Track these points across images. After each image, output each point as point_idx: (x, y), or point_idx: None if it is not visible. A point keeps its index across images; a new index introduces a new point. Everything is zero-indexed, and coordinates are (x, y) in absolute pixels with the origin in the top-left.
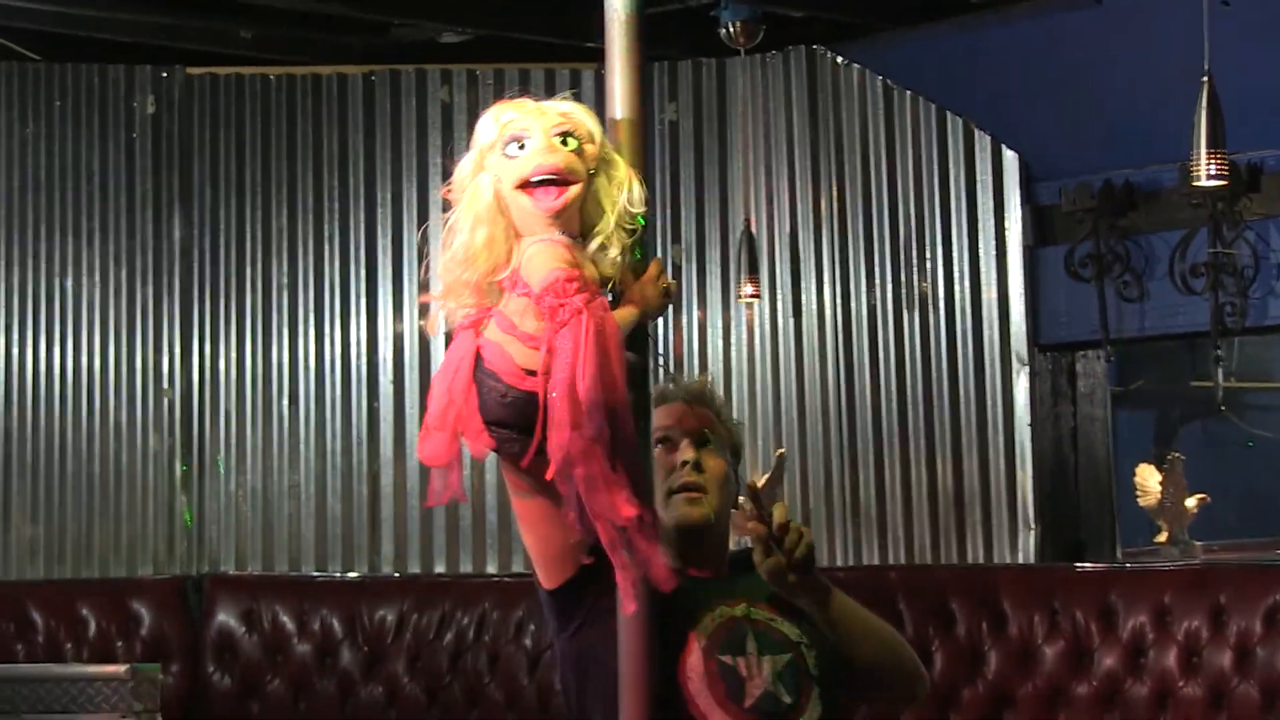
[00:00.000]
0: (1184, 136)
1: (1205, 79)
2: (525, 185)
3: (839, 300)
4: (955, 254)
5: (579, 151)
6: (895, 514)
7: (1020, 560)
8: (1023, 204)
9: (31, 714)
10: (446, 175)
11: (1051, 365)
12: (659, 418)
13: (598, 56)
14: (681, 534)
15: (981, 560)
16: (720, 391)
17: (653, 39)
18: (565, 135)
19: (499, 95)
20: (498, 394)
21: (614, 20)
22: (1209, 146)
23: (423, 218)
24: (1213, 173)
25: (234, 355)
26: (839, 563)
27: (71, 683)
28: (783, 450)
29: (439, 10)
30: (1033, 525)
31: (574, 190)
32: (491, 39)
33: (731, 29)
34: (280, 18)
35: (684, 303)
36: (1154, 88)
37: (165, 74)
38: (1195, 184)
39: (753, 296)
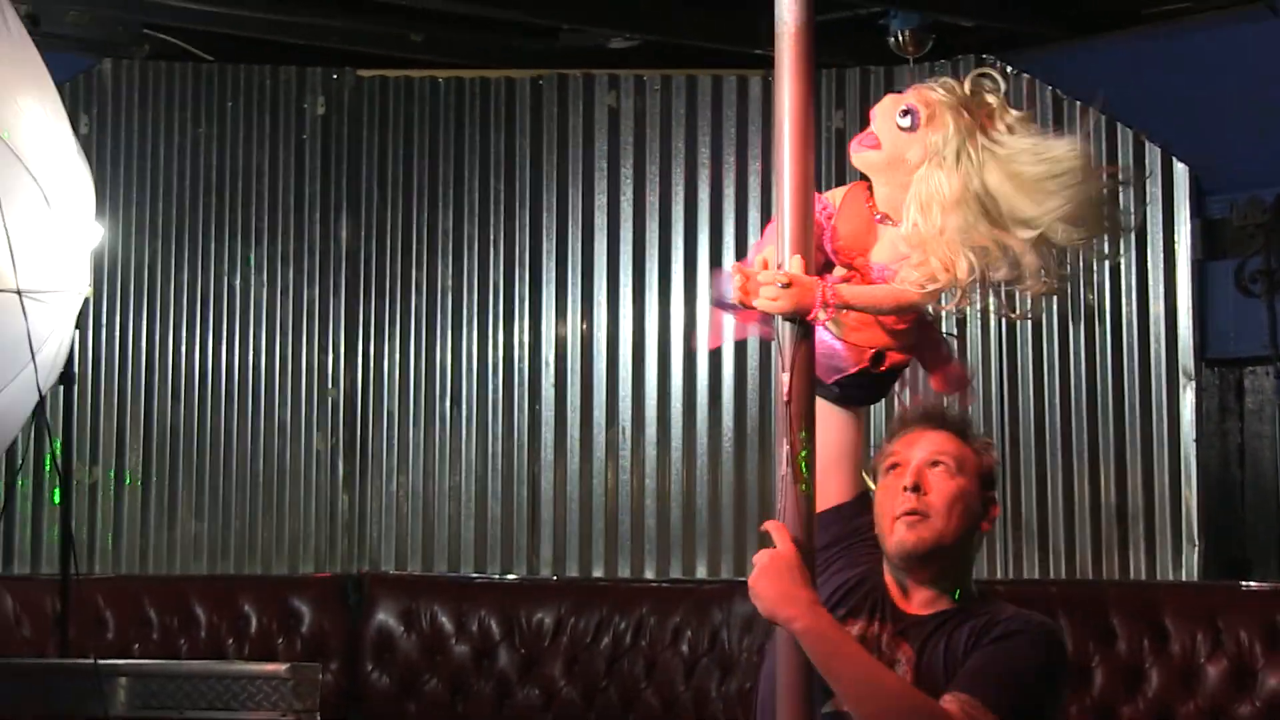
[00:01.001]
0: None
1: None
2: None
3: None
4: (1123, 266)
5: (908, 129)
6: (1057, 527)
7: (1184, 577)
8: (1192, 217)
9: (194, 710)
10: (611, 180)
11: (1219, 380)
12: (895, 446)
13: (766, 63)
14: (905, 560)
15: (1144, 576)
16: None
17: (820, 46)
18: (907, 111)
19: (666, 102)
20: None
21: (784, 33)
22: None
23: (587, 222)
24: None
25: (397, 356)
26: (998, 575)
27: (233, 680)
28: None
29: (607, 15)
30: (1197, 542)
31: (869, 153)
32: (659, 45)
33: (900, 37)
34: (451, 21)
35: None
36: None
37: (336, 76)
38: None
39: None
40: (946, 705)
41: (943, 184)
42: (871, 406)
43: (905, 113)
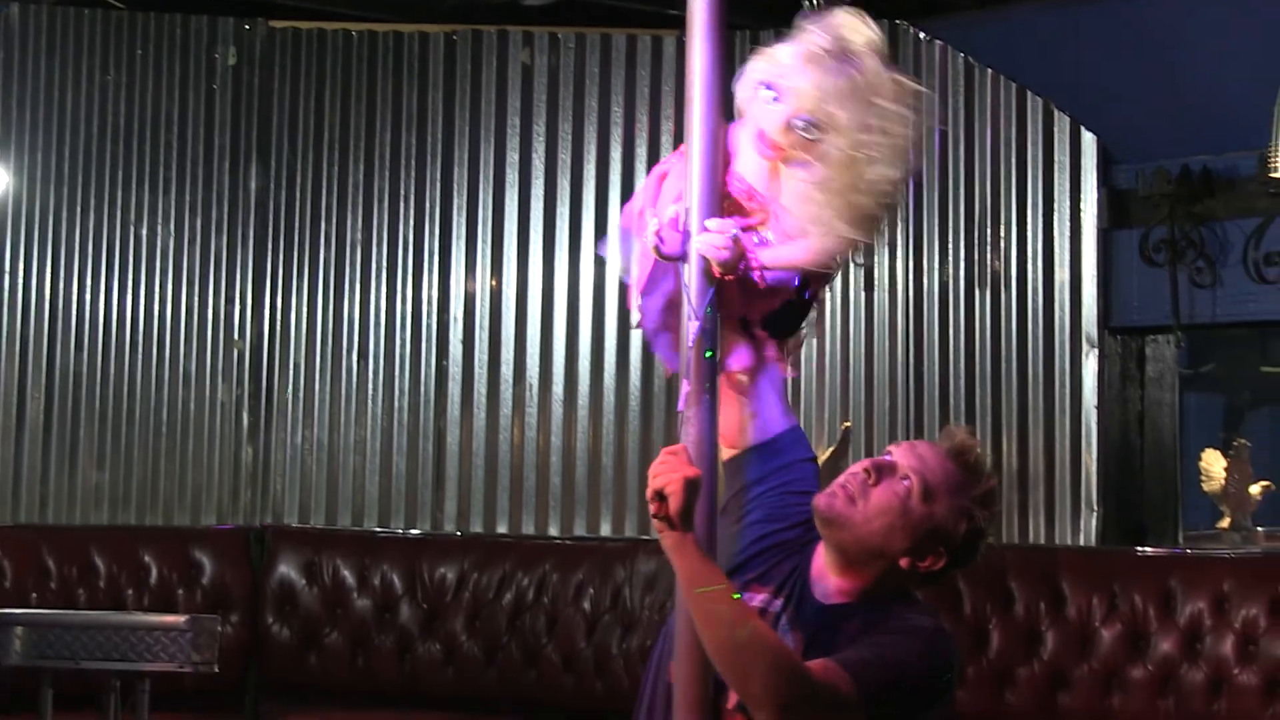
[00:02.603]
0: (1264, 124)
1: None
2: None
3: (912, 275)
4: (1030, 234)
5: (807, 131)
6: None
7: (1082, 542)
8: (1099, 186)
9: (90, 660)
10: (524, 137)
11: (1121, 349)
12: (902, 443)
13: (680, 23)
14: (815, 520)
15: (1043, 541)
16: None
17: (733, 7)
18: (809, 123)
19: (580, 59)
20: None
21: None
22: None
23: (499, 178)
24: None
25: (305, 309)
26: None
27: (131, 630)
28: (849, 424)
29: None
30: (1095, 507)
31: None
32: (575, 2)
33: (814, 1)
34: None
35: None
36: (1236, 73)
37: (248, 26)
38: (1272, 174)
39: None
40: (809, 664)
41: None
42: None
43: (808, 123)
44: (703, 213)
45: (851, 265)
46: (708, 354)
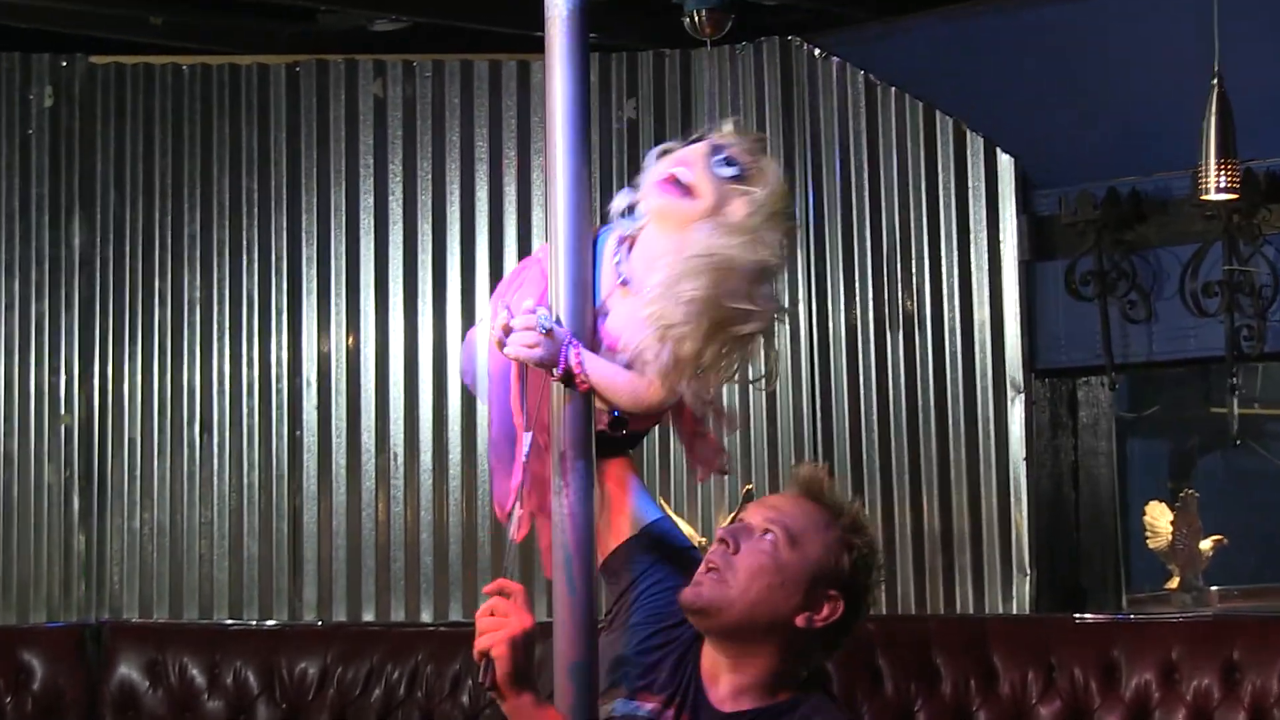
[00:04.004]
0: (1196, 142)
1: (1215, 81)
2: None
3: (814, 319)
4: (944, 268)
5: (734, 180)
6: None
7: (1014, 610)
8: (1019, 214)
9: None
10: (378, 177)
11: (1050, 393)
12: (751, 505)
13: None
14: (687, 615)
15: (971, 610)
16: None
17: (609, 27)
18: (730, 160)
19: (439, 89)
20: None
21: (554, 17)
22: (1219, 155)
23: (352, 224)
24: (1223, 184)
25: (139, 377)
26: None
27: None
28: (750, 486)
29: None
30: (1028, 570)
31: (682, 204)
32: (430, 27)
33: (696, 18)
34: (195, 2)
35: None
36: (1164, 88)
37: (65, 63)
38: (1204, 197)
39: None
40: None
41: (734, 250)
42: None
43: (729, 160)
44: (563, 278)
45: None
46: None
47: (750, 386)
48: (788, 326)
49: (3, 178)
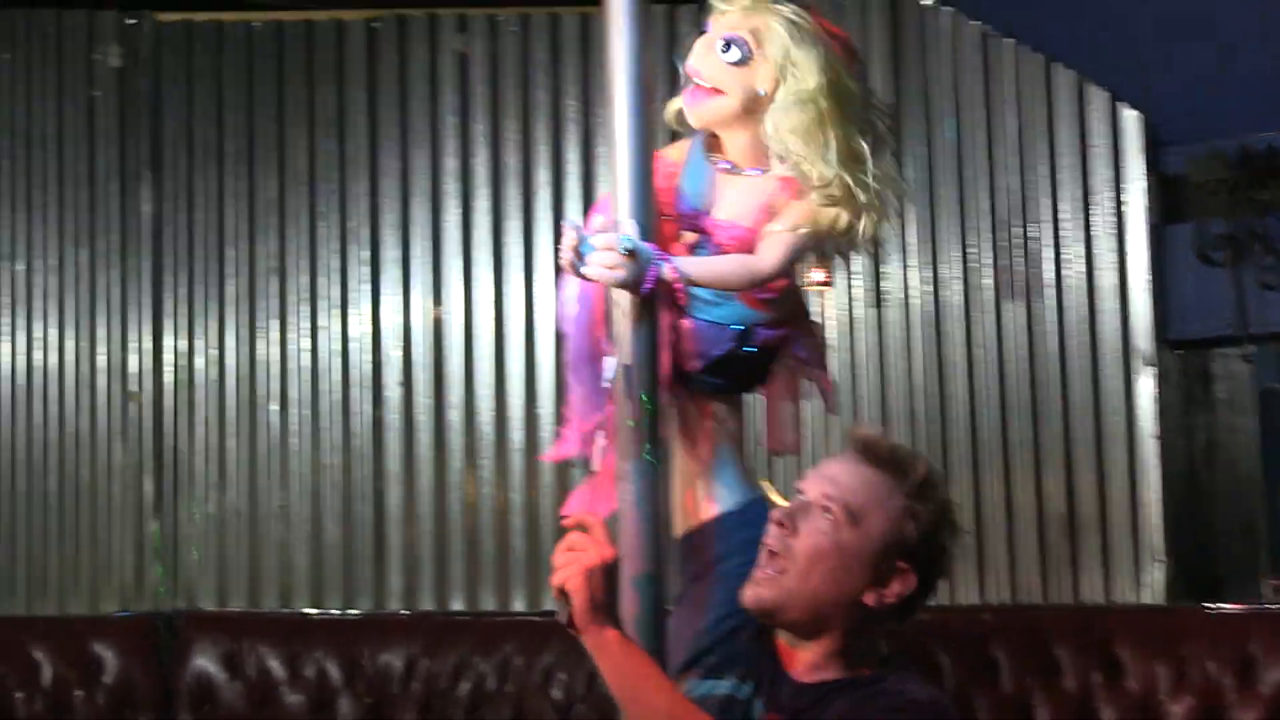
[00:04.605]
0: None
1: None
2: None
3: (928, 287)
4: (1066, 233)
5: (741, 62)
6: (996, 543)
7: (1145, 600)
8: (1146, 173)
9: None
10: (462, 138)
11: (1182, 366)
12: (810, 472)
13: None
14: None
15: (1100, 599)
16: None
17: None
18: (730, 43)
19: (525, 46)
20: None
21: None
22: None
23: (436, 189)
24: None
25: (214, 352)
26: (928, 601)
27: None
28: None
29: None
30: (1160, 558)
31: (714, 103)
32: None
33: None
34: None
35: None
36: None
37: (132, 21)
38: None
39: (822, 284)
40: None
41: (811, 97)
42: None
43: (727, 44)
44: (626, 216)
45: (848, 274)
46: (644, 400)
47: (856, 362)
48: (899, 294)
49: (69, 142)
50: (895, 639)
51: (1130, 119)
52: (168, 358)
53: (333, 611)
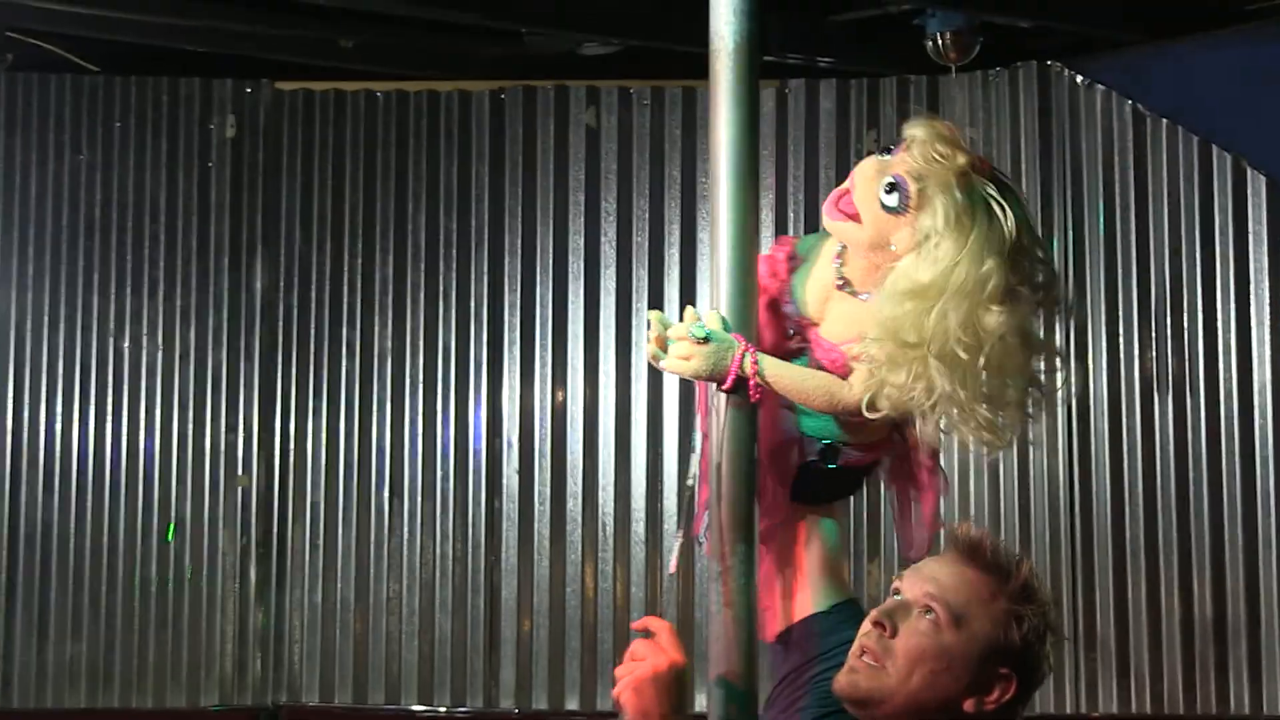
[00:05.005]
0: None
1: None
2: None
3: (1074, 377)
4: (1220, 323)
5: (893, 211)
6: (1140, 647)
7: None
8: None
9: None
10: (590, 215)
11: None
12: (908, 571)
13: (781, 71)
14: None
15: (1247, 710)
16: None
17: (846, 50)
18: (894, 187)
19: (658, 118)
20: None
21: (719, 49)
22: None
23: (559, 267)
24: None
25: (324, 436)
26: (1068, 708)
27: None
28: None
29: (582, 16)
30: None
31: (847, 227)
32: (645, 50)
33: (940, 41)
34: (390, 23)
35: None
36: None
37: (250, 89)
38: None
39: None
40: None
41: (922, 291)
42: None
43: (891, 188)
44: (724, 303)
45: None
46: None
47: (998, 457)
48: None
49: (180, 214)
50: None
51: None
52: (277, 441)
53: (441, 709)
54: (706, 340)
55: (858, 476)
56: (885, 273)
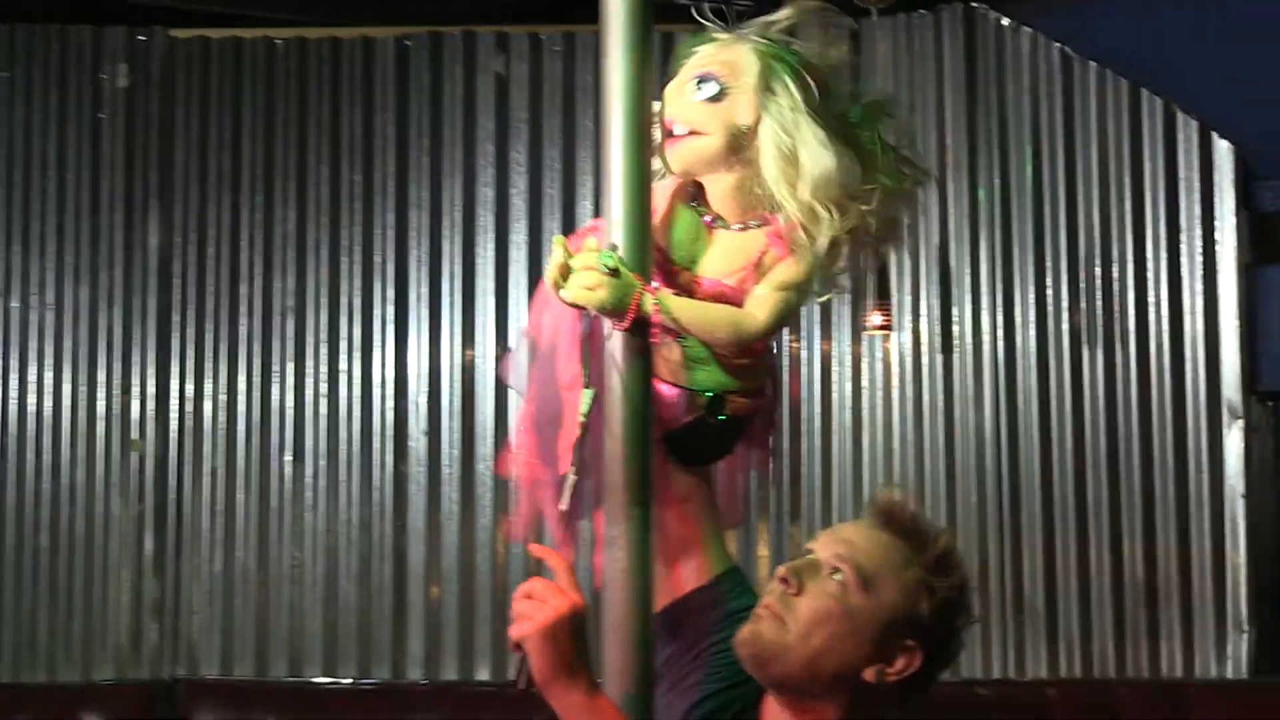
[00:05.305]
0: None
1: None
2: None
3: (1001, 332)
4: (1150, 274)
5: (718, 98)
6: (1069, 610)
7: (1228, 673)
8: (1238, 210)
9: None
10: (500, 167)
11: (1273, 419)
12: (822, 535)
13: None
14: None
15: (1179, 673)
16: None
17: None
18: (701, 80)
19: (568, 65)
20: None
21: None
22: None
23: (468, 222)
24: None
25: (223, 398)
26: (995, 673)
27: None
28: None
29: None
30: (1245, 627)
31: (694, 144)
32: None
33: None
34: None
35: (803, 332)
36: None
37: (143, 37)
38: None
39: (880, 328)
40: None
41: (793, 122)
42: None
43: (701, 81)
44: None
45: (914, 317)
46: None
47: (923, 412)
48: (969, 338)
49: (70, 168)
50: None
51: (1222, 150)
52: (173, 404)
53: (347, 681)
54: (615, 273)
55: (738, 432)
56: (749, 175)
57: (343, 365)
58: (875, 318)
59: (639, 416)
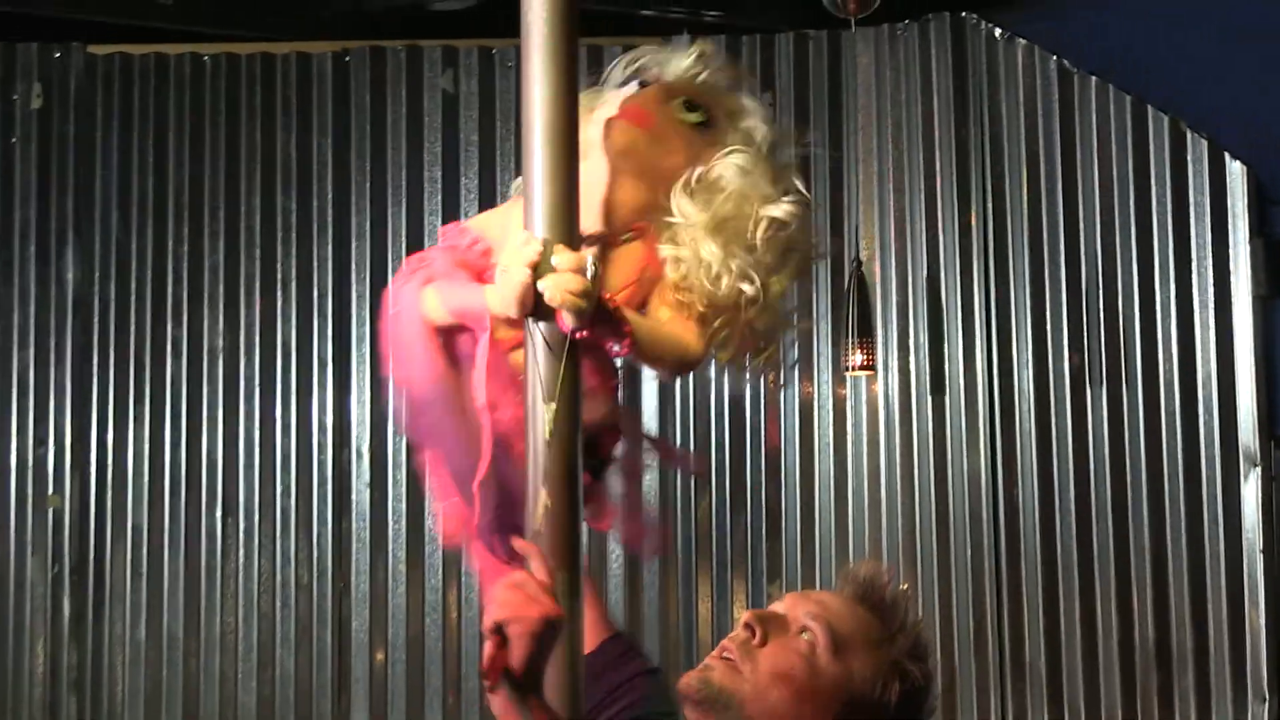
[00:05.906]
0: None
1: None
2: None
3: (996, 371)
4: (1158, 307)
5: None
6: (1074, 672)
7: None
8: (1253, 237)
9: None
10: (448, 191)
11: None
12: (794, 595)
13: (663, 27)
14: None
15: None
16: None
17: (739, 6)
18: None
19: (518, 81)
20: None
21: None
22: None
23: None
24: None
25: (147, 448)
26: None
27: None
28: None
29: None
30: (1267, 695)
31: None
32: (504, 4)
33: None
34: None
35: (781, 372)
36: None
37: (58, 54)
38: None
39: (863, 369)
40: None
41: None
42: None
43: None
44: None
45: (903, 354)
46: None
47: (914, 457)
48: (960, 379)
49: None
50: None
51: (1235, 172)
52: (93, 454)
53: None
54: (595, 279)
55: (605, 461)
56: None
57: (278, 411)
58: (856, 356)
59: (570, 452)
